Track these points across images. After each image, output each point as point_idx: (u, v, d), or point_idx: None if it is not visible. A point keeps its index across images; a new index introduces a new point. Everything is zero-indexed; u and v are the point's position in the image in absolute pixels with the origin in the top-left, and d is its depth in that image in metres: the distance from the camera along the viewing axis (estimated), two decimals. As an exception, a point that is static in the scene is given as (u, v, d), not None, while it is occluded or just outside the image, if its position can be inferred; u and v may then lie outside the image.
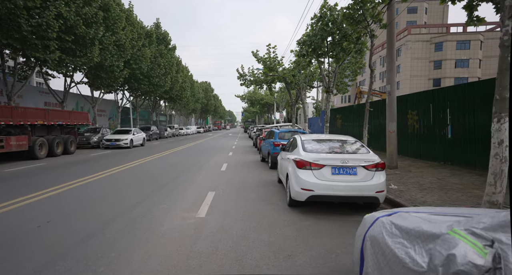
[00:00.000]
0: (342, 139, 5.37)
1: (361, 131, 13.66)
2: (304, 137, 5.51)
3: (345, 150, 4.85)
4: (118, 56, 18.52)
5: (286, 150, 6.38)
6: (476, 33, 45.88)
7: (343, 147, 5.00)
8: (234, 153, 14.93)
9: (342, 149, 4.92)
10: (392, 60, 7.75)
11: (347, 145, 5.11)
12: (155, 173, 8.59)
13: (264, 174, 8.40)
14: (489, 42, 46.19)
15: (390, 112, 7.91)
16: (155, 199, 5.44)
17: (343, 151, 4.83)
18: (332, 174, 4.40)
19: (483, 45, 46.28)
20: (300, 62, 13.48)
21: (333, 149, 4.89)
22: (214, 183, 6.98)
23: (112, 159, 11.95)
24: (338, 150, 4.87)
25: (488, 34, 46.62)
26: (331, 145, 5.08)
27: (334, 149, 4.91)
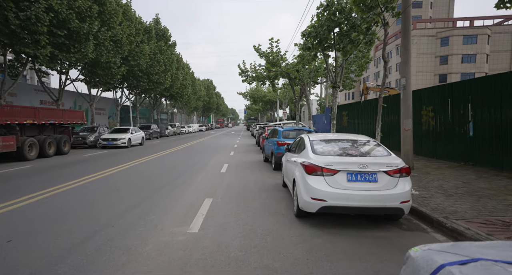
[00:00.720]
0: (356, 138, 4.68)
1: (371, 129, 12.95)
2: (313, 137, 4.82)
3: (361, 152, 4.15)
4: (114, 52, 17.86)
5: (292, 151, 5.69)
6: (484, 27, 44.61)
7: (359, 148, 4.30)
8: (236, 152, 14.28)
9: (358, 150, 4.22)
10: (407, 51, 7.01)
11: (363, 145, 4.41)
12: (150, 175, 7.95)
13: (267, 176, 7.73)
14: (496, 37, 44.91)
15: (405, 109, 7.18)
16: (143, 208, 4.79)
17: (359, 153, 4.13)
18: (348, 181, 3.71)
19: (491, 39, 45.02)
20: (305, 56, 12.74)
21: (347, 151, 4.20)
22: (213, 187, 6.32)
23: (106, 160, 11.35)
24: (353, 151, 4.18)
25: (496, 28, 45.33)
26: (344, 146, 4.38)
27: (348, 150, 4.22)
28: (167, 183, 6.80)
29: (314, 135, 5.07)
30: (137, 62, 21.34)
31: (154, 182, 6.99)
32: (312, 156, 4.09)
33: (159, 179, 7.32)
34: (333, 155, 4.06)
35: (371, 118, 13.11)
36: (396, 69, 51.79)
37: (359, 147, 4.36)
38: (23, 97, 18.55)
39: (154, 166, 9.64)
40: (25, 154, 10.66)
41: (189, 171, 8.55)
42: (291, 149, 5.93)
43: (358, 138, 4.72)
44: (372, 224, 4.00)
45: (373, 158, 3.94)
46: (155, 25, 27.64)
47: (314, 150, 4.25)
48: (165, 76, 26.44)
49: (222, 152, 14.46)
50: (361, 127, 14.27)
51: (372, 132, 12.83)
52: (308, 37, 9.95)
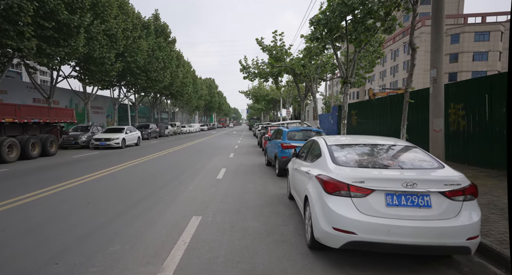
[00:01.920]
0: (387, 142, 3.55)
1: (385, 129, 11.73)
2: (330, 140, 3.69)
3: (401, 162, 3.01)
4: (109, 47, 16.86)
5: (301, 157, 4.58)
6: (496, 23, 42.95)
7: (396, 157, 3.16)
8: (236, 154, 13.18)
9: (396, 160, 3.08)
10: (439, 36, 5.84)
11: (401, 152, 3.28)
12: (135, 182, 6.88)
13: (271, 184, 6.62)
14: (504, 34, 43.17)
15: (435, 106, 6.01)
16: (109, 231, 3.71)
17: (399, 163, 2.99)
18: (387, 205, 2.58)
19: (504, 36, 43.30)
20: (312, 49, 11.58)
21: (380, 160, 3.07)
22: (204, 200, 5.23)
23: (94, 162, 10.32)
24: (389, 161, 3.04)
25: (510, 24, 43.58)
26: (375, 153, 3.25)
27: (382, 160, 3.09)
28: (152, 193, 5.72)
29: (331, 138, 3.95)
30: (134, 59, 20.34)
31: (137, 191, 5.91)
32: (332, 167, 2.97)
33: (143, 187, 6.24)
34: (363, 166, 2.93)
35: (385, 118, 11.92)
36: (403, 68, 50.27)
37: (396, 154, 3.22)
38: (14, 94, 17.64)
39: (143, 170, 8.58)
40: (3, 155, 9.65)
41: (181, 177, 7.47)
42: (300, 155, 4.81)
43: (389, 141, 3.59)
44: (418, 263, 2.86)
45: (421, 171, 2.80)
46: (154, 21, 26.64)
47: (335, 159, 3.12)
48: (164, 74, 25.43)
49: (222, 153, 13.38)
50: (373, 127, 13.08)
51: (386, 134, 11.63)
52: (317, 26, 8.79)
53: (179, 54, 31.80)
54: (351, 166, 2.95)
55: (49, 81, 16.71)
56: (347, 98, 10.33)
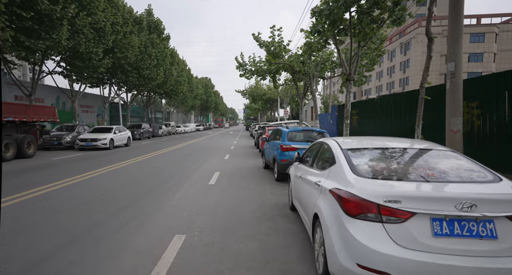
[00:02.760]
0: (418, 146, 2.83)
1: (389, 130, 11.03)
2: (344, 143, 2.96)
3: (444, 174, 2.28)
4: (96, 41, 15.93)
5: (306, 162, 3.86)
6: (491, 25, 43.00)
7: (435, 166, 2.43)
8: (232, 155, 12.42)
9: (436, 170, 2.35)
10: (458, 25, 5.18)
11: (438, 159, 2.55)
12: (115, 188, 6.07)
13: (269, 191, 5.88)
14: (504, 35, 43.31)
15: (453, 103, 5.35)
16: (56, 263, 2.91)
17: (442, 175, 2.26)
18: (434, 235, 1.85)
19: (498, 38, 43.38)
20: (312, 44, 10.86)
21: (416, 171, 2.34)
22: (192, 212, 4.46)
23: (75, 165, 9.45)
24: (427, 171, 2.32)
25: (504, 26, 43.73)
26: (405, 161, 2.53)
27: (418, 170, 2.36)
28: (131, 203, 4.93)
29: (343, 140, 3.21)
30: (124, 55, 19.40)
31: (114, 201, 5.11)
32: (353, 179, 2.24)
33: (123, 196, 5.44)
34: (395, 178, 2.20)
35: (389, 118, 11.28)
36: (400, 68, 50.03)
37: (432, 161, 2.50)
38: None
39: (127, 174, 7.76)
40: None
41: (169, 182, 6.69)
42: (305, 159, 4.08)
43: (418, 144, 2.88)
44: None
45: (475, 186, 2.08)
46: (147, 17, 25.70)
47: (355, 167, 2.39)
48: (157, 72, 24.50)
49: (216, 155, 12.61)
50: (376, 128, 12.43)
51: (391, 135, 10.98)
52: (319, 17, 8.08)
53: (174, 51, 30.88)
54: (379, 177, 2.22)
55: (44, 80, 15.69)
56: (350, 96, 9.66)
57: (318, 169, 3.16)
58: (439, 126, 7.60)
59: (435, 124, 8.00)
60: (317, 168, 3.20)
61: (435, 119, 8.01)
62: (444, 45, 44.92)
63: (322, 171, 2.95)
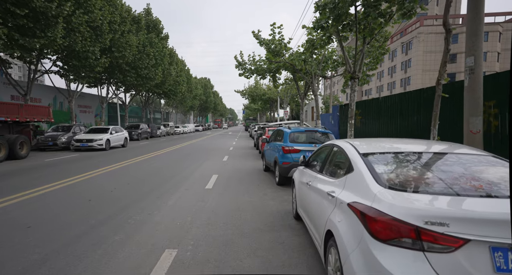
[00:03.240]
0: (453, 150, 2.39)
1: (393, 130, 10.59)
2: (363, 147, 2.52)
3: (496, 186, 1.82)
4: (93, 40, 15.52)
5: (313, 167, 3.44)
6: (495, 24, 42.63)
7: (481, 175, 1.98)
8: (231, 156, 11.99)
9: (483, 180, 1.91)
10: (478, 17, 4.76)
11: (481, 166, 2.11)
12: (103, 194, 5.64)
13: (270, 196, 5.45)
14: (508, 34, 42.89)
15: (472, 101, 4.92)
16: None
17: (493, 188, 1.81)
18: (497, 270, 1.41)
19: (502, 37, 42.97)
20: (315, 41, 10.44)
21: (459, 182, 1.89)
22: (186, 222, 4.03)
23: (66, 167, 9.02)
24: (473, 182, 1.87)
25: (508, 25, 43.36)
26: (441, 169, 2.09)
27: (460, 180, 1.92)
28: (119, 211, 4.49)
29: (359, 143, 2.77)
30: (122, 54, 18.99)
31: (100, 208, 4.68)
32: (379, 192, 1.80)
33: (112, 203, 5.01)
34: (434, 191, 1.76)
35: (394, 118, 10.84)
36: (401, 68, 49.63)
37: (476, 170, 2.06)
38: (-12, 91, 16.19)
39: (119, 177, 7.33)
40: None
41: (163, 187, 6.25)
42: (311, 163, 3.65)
43: (449, 148, 2.44)
44: None
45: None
46: (145, 16, 25.32)
47: (379, 177, 1.96)
48: (156, 71, 24.09)
49: (215, 156, 12.18)
50: (380, 128, 12.00)
51: (396, 135, 10.54)
52: (322, 11, 7.66)
53: (172, 51, 30.49)
54: (412, 190, 1.78)
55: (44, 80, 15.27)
56: (354, 95, 9.23)
57: (329, 176, 2.73)
58: (451, 126, 7.16)
59: (447, 125, 7.55)
60: (328, 175, 2.77)
61: (446, 119, 7.56)
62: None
63: (335, 178, 2.52)
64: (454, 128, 7.13)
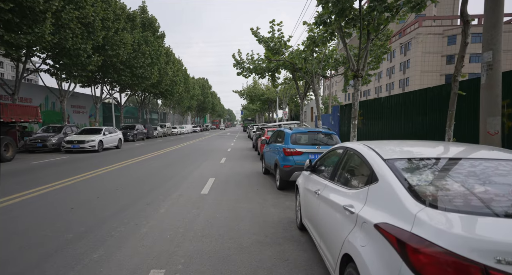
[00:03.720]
0: (499, 156, 1.96)
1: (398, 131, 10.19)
2: (386, 150, 2.08)
3: None
4: (84, 37, 14.99)
5: (321, 172, 3.01)
6: (493, 25, 42.62)
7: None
8: (229, 158, 11.54)
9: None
10: (498, 8, 4.38)
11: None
12: (88, 201, 5.16)
13: (271, 202, 5.01)
14: (506, 36, 42.94)
15: (490, 100, 4.53)
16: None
17: None
18: None
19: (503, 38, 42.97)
20: (316, 38, 10.03)
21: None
22: (177, 234, 3.57)
23: (52, 171, 8.51)
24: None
25: (506, 26, 43.41)
26: (493, 180, 1.66)
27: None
28: (102, 222, 4.02)
29: (381, 146, 2.34)
30: (116, 52, 18.45)
31: (82, 219, 4.20)
32: (421, 212, 1.37)
33: (95, 212, 4.54)
34: (496, 213, 1.33)
35: (398, 119, 10.45)
36: (400, 69, 49.49)
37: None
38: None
39: (108, 182, 6.84)
40: None
41: (155, 192, 5.78)
42: (319, 168, 3.22)
43: (492, 153, 2.02)
44: None
45: None
46: (141, 14, 24.80)
47: (415, 191, 1.52)
48: (151, 70, 23.56)
49: (212, 158, 11.71)
50: (383, 129, 11.62)
51: (400, 137, 10.15)
52: (325, 5, 7.25)
53: (169, 50, 29.97)
54: (465, 210, 1.35)
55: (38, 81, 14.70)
56: (358, 94, 8.83)
57: (343, 185, 2.29)
58: (462, 127, 6.75)
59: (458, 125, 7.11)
60: (342, 184, 2.33)
61: (456, 120, 7.15)
62: (443, 45, 44.53)
63: (352, 189, 2.08)
64: (467, 129, 6.73)
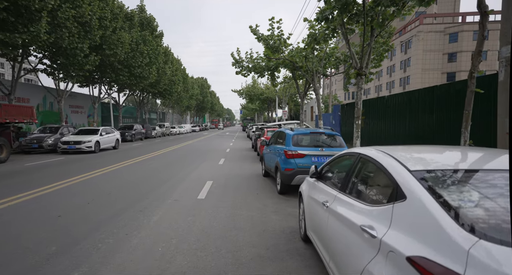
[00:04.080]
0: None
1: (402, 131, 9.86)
2: (409, 159, 1.78)
3: None
4: (81, 36, 14.68)
5: (328, 180, 2.71)
6: (495, 22, 42.18)
7: None
8: (227, 159, 11.24)
9: None
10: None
11: None
12: (77, 207, 4.87)
13: (272, 209, 4.71)
14: (508, 33, 42.50)
15: (509, 99, 4.22)
16: None
17: None
18: None
19: (502, 36, 42.54)
20: (317, 35, 9.71)
21: None
22: (170, 246, 3.27)
23: (46, 173, 8.21)
24: None
25: (508, 24, 42.96)
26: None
27: None
28: (84, 236, 3.72)
29: (401, 153, 2.02)
30: (113, 52, 18.14)
31: (65, 231, 3.90)
32: (476, 250, 1.06)
33: (79, 222, 4.24)
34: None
35: (403, 119, 10.14)
36: (400, 67, 49.11)
37: None
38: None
39: (102, 185, 6.54)
40: None
41: (148, 198, 5.48)
42: (325, 175, 2.91)
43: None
44: None
45: None
46: (139, 13, 24.48)
47: (459, 215, 1.22)
48: (150, 70, 23.25)
49: (210, 159, 11.42)
50: (386, 129, 11.32)
51: (404, 138, 9.84)
52: (327, 0, 6.93)
53: (167, 50, 29.65)
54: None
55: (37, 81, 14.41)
56: (361, 93, 8.54)
57: (358, 198, 1.99)
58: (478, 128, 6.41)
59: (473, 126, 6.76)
60: (356, 197, 2.03)
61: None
62: (444, 42, 44.10)
63: (370, 205, 1.78)
64: (480, 130, 6.41)
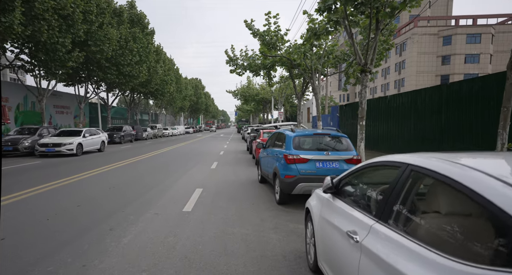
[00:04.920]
0: None
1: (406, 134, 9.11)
2: (497, 173, 1.02)
3: None
4: (62, 30, 13.69)
5: (350, 197, 1.94)
6: (487, 26, 42.68)
7: None
8: (221, 163, 10.44)
9: None
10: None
11: None
12: (31, 226, 4.00)
13: (269, 225, 3.93)
14: (500, 36, 43.03)
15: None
16: None
17: None
18: None
19: (494, 39, 43.04)
20: (317, 29, 9.03)
21: None
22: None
23: (15, 179, 7.25)
24: None
25: (500, 27, 43.52)
26: None
27: None
28: (35, 262, 2.88)
29: (472, 161, 1.28)
30: (100, 48, 17.15)
31: (4, 262, 3.05)
32: None
33: (28, 247, 3.38)
34: None
35: (407, 119, 9.54)
36: (395, 70, 49.14)
37: None
38: None
39: (74, 195, 5.65)
40: None
41: (123, 211, 4.64)
42: (345, 190, 2.15)
43: None
44: None
45: None
46: (129, 9, 23.52)
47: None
48: (140, 69, 22.28)
49: (202, 162, 10.60)
50: (390, 130, 10.70)
51: (408, 140, 9.23)
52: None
53: (159, 48, 28.68)
54: None
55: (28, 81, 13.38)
56: (365, 91, 7.88)
57: (420, 240, 1.23)
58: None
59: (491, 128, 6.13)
60: (413, 237, 1.27)
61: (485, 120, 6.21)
62: (438, 45, 44.25)
63: (455, 259, 1.02)
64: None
